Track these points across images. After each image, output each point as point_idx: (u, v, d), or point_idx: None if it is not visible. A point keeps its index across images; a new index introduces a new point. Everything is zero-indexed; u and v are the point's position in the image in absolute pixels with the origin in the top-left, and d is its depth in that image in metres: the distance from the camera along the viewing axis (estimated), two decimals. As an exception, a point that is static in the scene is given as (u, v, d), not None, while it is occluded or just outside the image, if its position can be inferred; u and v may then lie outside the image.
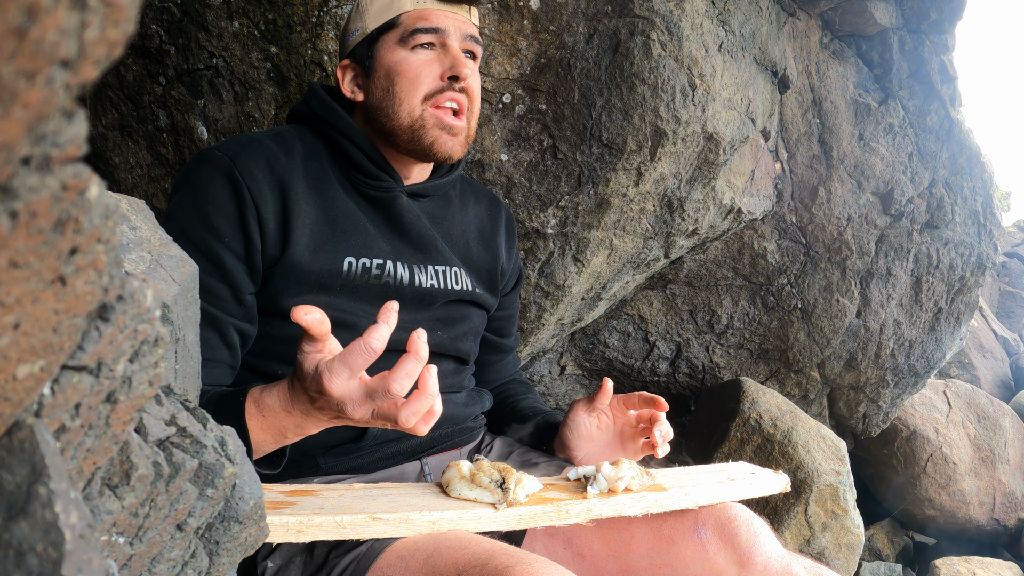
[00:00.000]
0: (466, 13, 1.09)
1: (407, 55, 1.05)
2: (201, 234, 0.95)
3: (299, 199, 1.01)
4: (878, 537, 3.26)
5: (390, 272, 1.06)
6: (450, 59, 1.04)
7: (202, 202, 0.96)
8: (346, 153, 1.07)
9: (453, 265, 1.16)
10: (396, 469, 1.12)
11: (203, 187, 0.97)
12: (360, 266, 1.03)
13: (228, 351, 0.97)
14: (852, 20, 2.23)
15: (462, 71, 1.03)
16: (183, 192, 0.99)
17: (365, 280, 1.04)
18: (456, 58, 1.04)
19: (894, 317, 2.54)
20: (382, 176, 1.08)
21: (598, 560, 1.07)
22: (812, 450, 2.17)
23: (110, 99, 1.83)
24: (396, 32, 1.05)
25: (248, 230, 0.96)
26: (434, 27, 1.04)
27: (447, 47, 1.05)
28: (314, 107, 1.10)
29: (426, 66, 1.04)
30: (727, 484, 1.05)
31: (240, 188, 0.96)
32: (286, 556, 0.94)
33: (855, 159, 2.33)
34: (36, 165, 0.24)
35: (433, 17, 1.04)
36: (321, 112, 1.09)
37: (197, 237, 0.95)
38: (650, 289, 2.38)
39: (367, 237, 1.06)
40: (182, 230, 0.95)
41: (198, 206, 0.96)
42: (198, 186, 0.97)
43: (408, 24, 1.04)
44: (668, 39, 1.59)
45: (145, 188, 1.89)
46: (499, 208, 1.32)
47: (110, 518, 0.41)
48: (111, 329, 0.33)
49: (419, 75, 1.04)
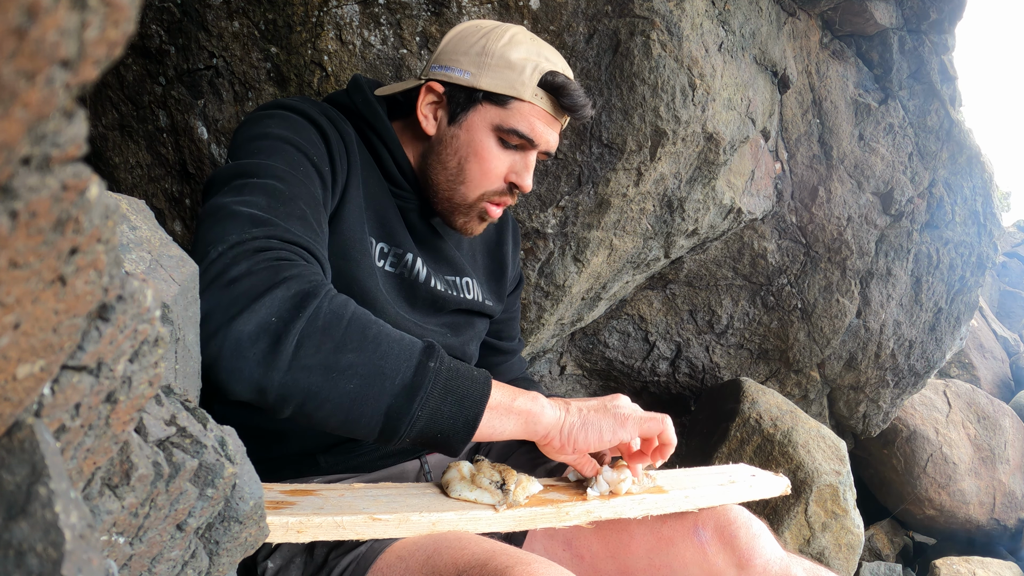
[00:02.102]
0: (564, 120, 1.07)
1: (494, 145, 1.03)
2: (300, 142, 0.91)
3: (356, 163, 1.00)
4: (878, 537, 3.26)
5: (408, 263, 1.07)
6: (521, 168, 1.05)
7: (295, 127, 0.93)
8: (378, 154, 1.07)
9: (465, 276, 1.18)
10: (396, 468, 1.12)
11: (291, 122, 0.94)
12: (379, 249, 1.03)
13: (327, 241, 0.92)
14: (852, 20, 2.23)
15: (524, 185, 1.05)
16: (271, 119, 0.94)
17: (383, 265, 1.04)
18: (527, 171, 1.05)
19: (894, 317, 2.54)
20: (406, 188, 1.08)
21: (597, 561, 1.07)
22: (812, 450, 2.17)
23: (110, 99, 1.83)
24: (500, 113, 1.01)
25: (335, 167, 0.95)
26: (532, 140, 1.03)
27: (527, 156, 1.05)
28: (357, 102, 1.07)
29: (501, 165, 1.04)
30: (727, 486, 1.05)
31: (326, 131, 0.96)
32: (286, 556, 0.94)
33: (855, 159, 2.33)
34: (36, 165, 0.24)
35: (537, 126, 1.02)
36: (363, 109, 1.06)
37: (296, 142, 0.91)
38: (650, 289, 2.38)
39: (393, 226, 1.06)
40: (281, 136, 0.90)
41: (291, 128, 0.93)
42: (287, 120, 0.94)
43: (513, 119, 1.01)
44: (668, 39, 1.59)
45: (145, 188, 1.89)
46: (506, 218, 1.34)
47: (110, 518, 0.41)
48: (111, 329, 0.33)
49: (491, 171, 1.04)
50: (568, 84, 1.01)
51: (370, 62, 1.61)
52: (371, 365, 0.74)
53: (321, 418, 0.74)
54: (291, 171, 0.87)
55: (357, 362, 0.73)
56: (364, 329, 0.75)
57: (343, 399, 0.73)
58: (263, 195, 0.82)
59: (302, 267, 0.76)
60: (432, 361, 0.77)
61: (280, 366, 0.70)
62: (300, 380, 0.71)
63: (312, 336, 0.72)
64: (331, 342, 0.72)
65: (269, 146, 0.89)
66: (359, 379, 0.73)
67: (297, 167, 0.88)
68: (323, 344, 0.72)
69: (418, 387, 0.75)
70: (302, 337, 0.71)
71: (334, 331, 0.73)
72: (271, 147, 0.89)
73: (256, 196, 0.81)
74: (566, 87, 1.01)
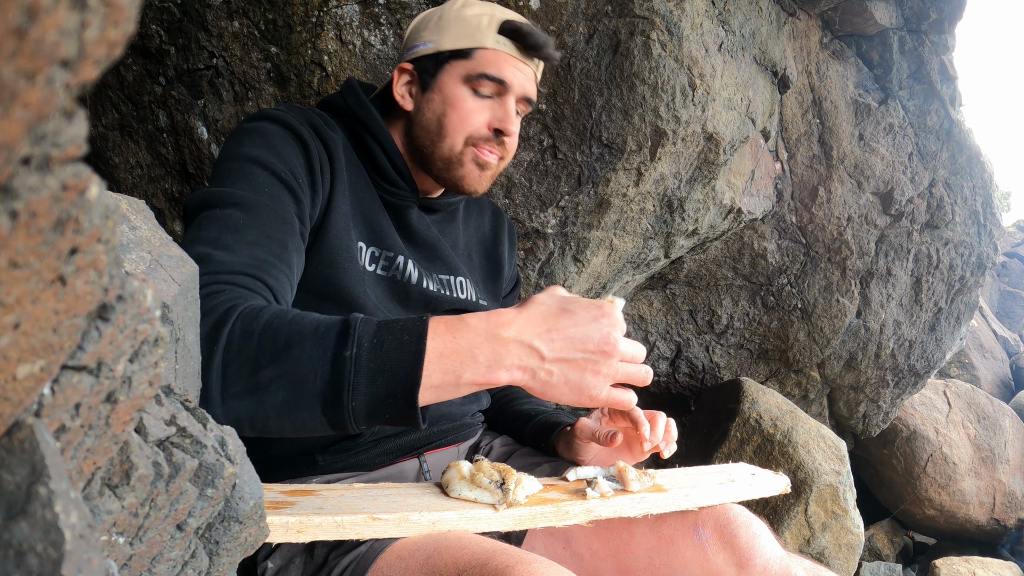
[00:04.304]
0: (534, 67, 1.10)
1: (467, 94, 1.05)
2: (273, 162, 0.92)
3: (341, 171, 1.02)
4: (878, 537, 3.26)
5: (399, 267, 1.07)
6: (502, 114, 1.06)
7: (273, 143, 0.95)
8: (371, 154, 1.09)
9: (459, 275, 1.18)
10: (395, 467, 1.12)
11: (271, 136, 0.95)
12: (370, 253, 1.04)
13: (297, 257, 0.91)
14: (852, 20, 2.23)
15: (509, 128, 1.06)
16: (245, 137, 0.95)
17: (374, 269, 1.05)
18: (508, 115, 1.06)
19: (894, 317, 2.54)
20: (400, 185, 1.10)
21: (597, 561, 1.07)
22: (812, 450, 2.17)
23: (110, 99, 1.83)
24: (466, 65, 1.05)
25: (315, 181, 0.97)
26: (501, 79, 1.05)
27: (504, 101, 1.06)
28: (349, 102, 1.11)
29: (479, 112, 1.06)
30: (727, 485, 1.05)
31: (307, 143, 0.97)
32: (286, 556, 0.94)
33: (855, 159, 2.33)
34: (36, 165, 0.24)
35: (505, 68, 1.05)
36: (355, 109, 1.10)
37: (268, 163, 0.92)
38: (650, 289, 2.38)
39: (383, 230, 1.07)
40: (251, 157, 0.92)
41: (269, 145, 0.94)
42: (266, 135, 0.95)
43: (479, 65, 1.04)
44: (668, 39, 1.59)
45: (145, 188, 1.89)
46: (502, 219, 1.35)
47: (110, 518, 0.41)
48: (111, 329, 0.33)
49: (470, 118, 1.05)
50: (526, 26, 1.05)
51: (370, 62, 1.61)
52: (290, 374, 0.72)
53: (274, 431, 0.75)
54: (253, 195, 0.88)
55: (276, 375, 0.72)
56: (274, 338, 0.73)
57: (279, 412, 0.73)
58: (216, 228, 0.83)
59: (221, 297, 0.77)
60: (348, 349, 0.72)
61: (216, 401, 0.72)
62: (236, 408, 0.72)
63: (231, 364, 0.72)
64: (247, 364, 0.72)
65: (238, 169, 0.91)
66: (283, 391, 0.72)
67: (262, 189, 0.89)
68: (241, 368, 0.72)
69: (340, 382, 0.72)
70: (224, 367, 0.72)
71: (247, 351, 0.73)
72: (239, 171, 0.91)
73: (209, 231, 0.83)
74: (525, 29, 1.05)
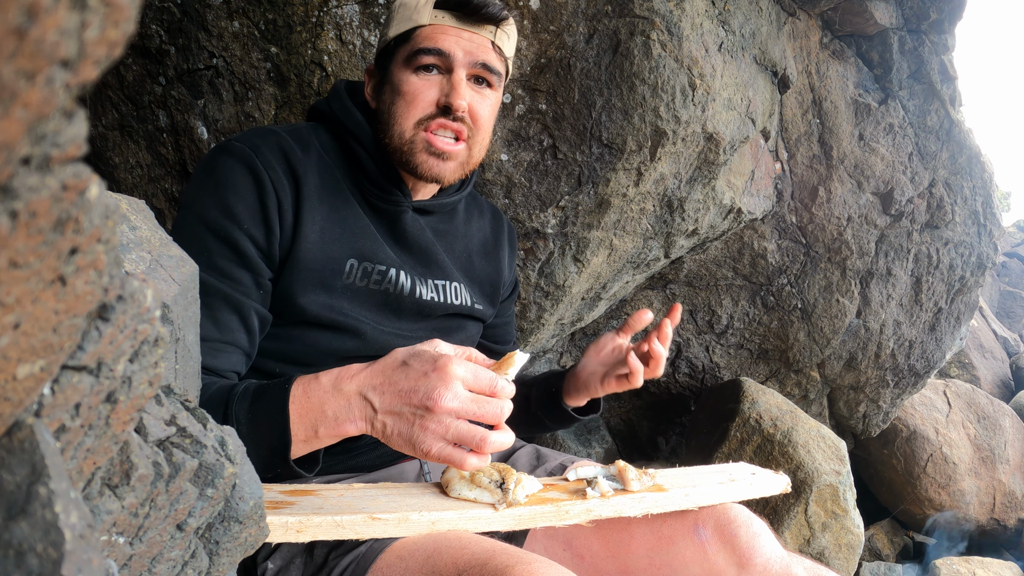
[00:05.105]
0: (488, 34, 1.04)
1: (410, 76, 1.02)
2: (220, 220, 0.93)
3: (312, 194, 1.00)
4: (878, 537, 3.26)
5: (391, 280, 1.06)
6: (448, 87, 1.01)
7: (222, 190, 0.95)
8: (358, 160, 1.07)
9: (454, 280, 1.17)
10: (395, 468, 1.12)
11: (224, 176, 0.96)
12: (361, 269, 1.03)
13: (247, 336, 0.95)
14: (852, 20, 2.23)
15: (456, 102, 1.00)
16: (202, 181, 0.97)
17: (365, 284, 1.04)
18: (454, 88, 1.00)
19: (894, 317, 2.54)
20: (390, 189, 1.07)
21: (597, 560, 1.07)
22: (812, 450, 2.17)
23: (110, 99, 1.83)
24: (406, 47, 1.03)
25: (268, 218, 0.96)
26: (438, 50, 1.00)
27: (452, 73, 1.01)
28: (334, 108, 1.09)
29: (424, 90, 1.01)
30: (727, 485, 1.05)
31: (261, 177, 0.96)
32: (286, 557, 0.94)
33: (855, 159, 2.33)
34: (36, 165, 0.24)
35: (442, 39, 1.00)
36: (340, 114, 1.08)
37: (216, 224, 0.93)
38: (650, 289, 2.38)
39: (372, 243, 1.05)
40: (200, 216, 0.94)
41: (218, 194, 0.95)
42: (218, 175, 0.96)
43: (415, 43, 1.01)
44: (668, 39, 1.59)
45: (145, 188, 1.89)
46: (501, 221, 1.33)
47: (110, 518, 0.41)
48: (111, 329, 0.33)
49: (415, 99, 1.01)
50: None
51: (370, 62, 1.61)
52: None
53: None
54: (202, 274, 0.89)
55: None
56: None
57: None
58: None
59: None
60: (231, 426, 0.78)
61: None
62: None
63: None
64: None
65: (192, 236, 0.93)
66: None
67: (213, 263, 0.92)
68: None
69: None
70: None
71: None
72: (192, 237, 0.93)
73: None
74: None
